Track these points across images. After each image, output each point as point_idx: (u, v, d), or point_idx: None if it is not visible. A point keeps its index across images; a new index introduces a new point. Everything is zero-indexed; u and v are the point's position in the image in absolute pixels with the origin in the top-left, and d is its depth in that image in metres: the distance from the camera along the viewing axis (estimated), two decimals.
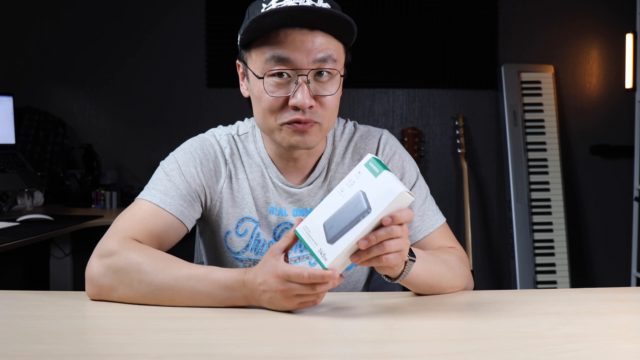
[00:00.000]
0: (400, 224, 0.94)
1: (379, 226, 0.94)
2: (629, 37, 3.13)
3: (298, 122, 1.12)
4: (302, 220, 1.00)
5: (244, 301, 1.01)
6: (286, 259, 1.00)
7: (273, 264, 0.97)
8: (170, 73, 3.41)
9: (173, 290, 1.02)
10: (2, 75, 3.32)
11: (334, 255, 0.93)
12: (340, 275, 0.96)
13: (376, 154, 1.28)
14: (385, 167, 0.95)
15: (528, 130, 3.33)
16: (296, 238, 0.99)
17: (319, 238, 0.95)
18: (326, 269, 0.93)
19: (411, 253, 1.05)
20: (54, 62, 3.37)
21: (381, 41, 3.40)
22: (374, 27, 3.40)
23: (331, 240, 0.94)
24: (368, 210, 0.92)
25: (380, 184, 0.93)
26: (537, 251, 3.26)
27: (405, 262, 1.03)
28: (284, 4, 1.09)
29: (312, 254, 0.95)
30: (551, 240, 3.28)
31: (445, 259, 1.18)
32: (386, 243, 0.94)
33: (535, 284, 3.24)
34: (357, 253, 0.94)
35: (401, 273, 1.04)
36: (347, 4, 3.35)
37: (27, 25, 3.35)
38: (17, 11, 3.34)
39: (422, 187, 1.29)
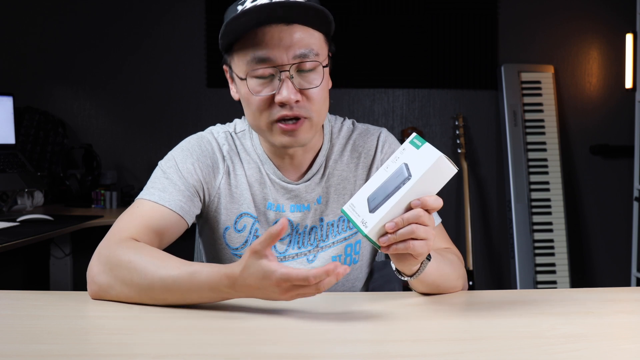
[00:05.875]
0: (428, 211, 0.94)
1: (409, 209, 0.95)
2: (629, 37, 3.13)
3: (286, 118, 1.12)
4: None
5: (234, 297, 0.98)
6: (272, 256, 0.93)
7: (265, 268, 0.91)
8: (170, 73, 3.41)
9: (163, 290, 1.00)
10: (2, 75, 3.32)
11: (374, 222, 0.95)
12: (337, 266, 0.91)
13: (375, 152, 1.29)
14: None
15: (528, 130, 3.33)
16: (277, 235, 0.91)
17: (362, 210, 0.97)
18: (366, 235, 0.95)
19: None
20: (54, 62, 3.37)
21: (381, 41, 3.40)
22: (374, 27, 3.40)
23: (373, 209, 0.96)
24: (408, 177, 0.95)
25: (421, 154, 0.96)
26: (537, 251, 3.26)
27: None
28: (257, 2, 1.09)
29: (355, 225, 0.98)
30: (551, 240, 3.28)
31: (450, 259, 1.18)
32: (415, 227, 0.94)
33: (535, 284, 3.24)
34: (385, 236, 0.95)
35: (417, 270, 1.04)
36: (347, 4, 3.38)
37: (27, 25, 3.35)
38: (17, 11, 3.34)
39: None
